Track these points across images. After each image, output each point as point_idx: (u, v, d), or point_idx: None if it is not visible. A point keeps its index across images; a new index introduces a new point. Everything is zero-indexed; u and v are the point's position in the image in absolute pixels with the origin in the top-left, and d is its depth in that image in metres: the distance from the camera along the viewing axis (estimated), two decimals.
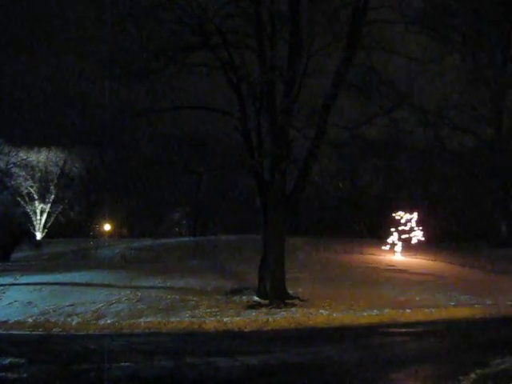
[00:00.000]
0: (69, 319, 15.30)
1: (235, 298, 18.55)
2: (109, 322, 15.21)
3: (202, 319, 15.44)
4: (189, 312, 16.24)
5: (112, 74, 18.29)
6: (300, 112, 18.69)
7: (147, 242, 33.41)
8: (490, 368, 9.73)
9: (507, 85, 36.96)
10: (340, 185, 43.57)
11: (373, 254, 29.12)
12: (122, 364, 10.45)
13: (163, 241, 33.41)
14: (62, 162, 48.70)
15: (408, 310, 17.01)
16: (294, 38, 18.32)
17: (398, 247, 30.01)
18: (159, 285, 20.40)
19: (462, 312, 17.60)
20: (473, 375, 9.15)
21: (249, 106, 19.16)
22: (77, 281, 21.01)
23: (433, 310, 17.35)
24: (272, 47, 18.23)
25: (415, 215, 31.00)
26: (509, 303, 19.09)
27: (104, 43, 18.76)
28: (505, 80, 36.70)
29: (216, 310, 16.62)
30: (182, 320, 15.39)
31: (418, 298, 19.17)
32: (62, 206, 48.68)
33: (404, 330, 15.15)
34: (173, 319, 15.42)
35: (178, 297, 18.15)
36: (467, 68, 36.81)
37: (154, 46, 18.10)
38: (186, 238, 36.72)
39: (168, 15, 18.26)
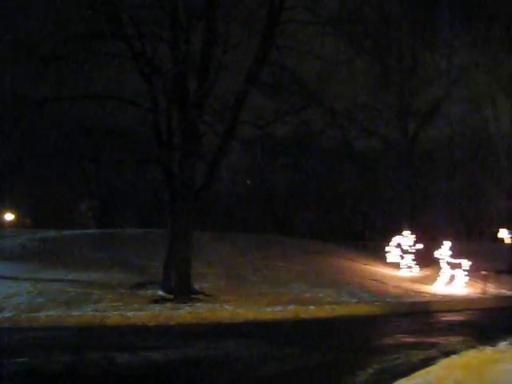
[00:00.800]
0: None
1: (140, 292, 18.37)
2: (7, 315, 14.73)
3: (105, 313, 15.19)
4: (91, 306, 15.95)
5: (17, 57, 17.62)
6: (211, 107, 18.69)
7: (51, 233, 32.47)
8: (387, 362, 10.02)
9: (414, 90, 38.17)
10: (248, 182, 43.81)
11: (280, 251, 29.39)
12: (20, 359, 10.12)
13: (68, 232, 32.57)
14: None
15: (311, 307, 17.30)
16: (209, 32, 18.24)
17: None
18: (62, 277, 19.90)
19: (363, 309, 18.09)
20: (370, 370, 9.39)
21: (160, 99, 18.96)
22: None
23: (335, 307, 17.72)
24: (186, 41, 18.09)
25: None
26: (408, 300, 19.79)
27: (9, 24, 18.03)
28: (412, 86, 37.92)
29: (119, 304, 16.40)
30: (83, 314, 15.09)
31: (321, 295, 19.54)
32: None
33: (306, 325, 15.41)
34: (74, 313, 15.10)
35: (80, 290, 17.79)
36: (376, 72, 37.81)
37: (63, 31, 17.56)
38: (92, 230, 35.95)
39: (81, 1, 17.78)
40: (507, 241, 35.35)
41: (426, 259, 28.13)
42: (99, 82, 19.32)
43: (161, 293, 18.17)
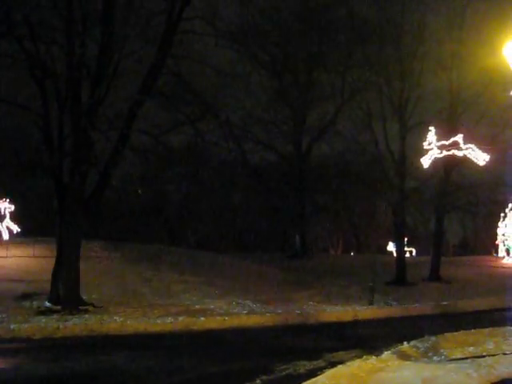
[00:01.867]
0: None
1: (25, 303, 17.80)
2: None
3: None
4: None
5: None
6: (105, 115, 18.35)
7: None
8: (275, 373, 10.10)
9: (308, 106, 39.13)
10: (139, 191, 43.25)
11: (171, 262, 29.22)
12: None
13: None
14: None
15: (202, 318, 17.21)
16: (105, 38, 17.95)
17: None
18: None
19: (254, 320, 18.12)
20: (258, 381, 9.43)
21: (52, 104, 18.45)
22: None
23: (226, 318, 17.69)
24: (81, 45, 17.70)
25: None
26: (297, 312, 20.05)
27: None
28: (306, 102, 38.85)
29: (3, 315, 15.82)
30: None
31: (212, 306, 19.52)
32: None
33: (196, 337, 15.30)
34: None
35: None
36: (273, 87, 38.50)
37: None
38: None
39: None
40: (394, 254, 36.71)
41: None
42: None
43: (48, 304, 17.62)
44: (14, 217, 35.45)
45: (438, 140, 17.71)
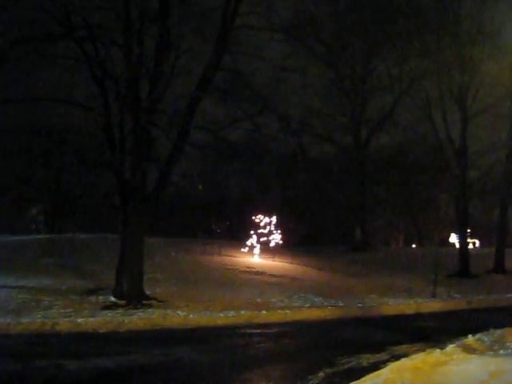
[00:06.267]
0: None
1: (91, 298, 18.13)
2: None
3: (55, 320, 14.87)
4: (41, 312, 15.63)
5: None
6: (164, 111, 18.57)
7: (0, 238, 31.83)
8: (338, 367, 10.11)
9: (366, 97, 38.78)
10: (200, 187, 43.68)
11: (231, 256, 29.41)
12: None
13: (18, 237, 31.94)
14: None
15: (264, 312, 17.30)
16: (162, 36, 18.15)
17: (257, 249, 30.50)
18: (11, 284, 19.48)
19: (316, 313, 18.13)
20: (321, 374, 9.47)
21: (112, 102, 18.77)
22: None
23: (288, 312, 17.74)
24: (139, 44, 17.97)
25: (274, 218, 31.70)
26: (359, 305, 19.97)
27: None
28: (364, 93, 38.51)
29: (70, 310, 16.14)
30: (33, 321, 14.74)
31: (274, 300, 19.57)
32: None
33: (259, 330, 15.35)
34: (24, 320, 14.74)
35: (30, 296, 17.46)
36: (330, 79, 38.25)
37: (12, 33, 17.27)
38: (42, 236, 35.35)
39: (31, 2, 17.53)
40: (457, 245, 36.01)
41: None
42: (51, 85, 19.08)
43: (112, 299, 17.95)
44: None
45: None
